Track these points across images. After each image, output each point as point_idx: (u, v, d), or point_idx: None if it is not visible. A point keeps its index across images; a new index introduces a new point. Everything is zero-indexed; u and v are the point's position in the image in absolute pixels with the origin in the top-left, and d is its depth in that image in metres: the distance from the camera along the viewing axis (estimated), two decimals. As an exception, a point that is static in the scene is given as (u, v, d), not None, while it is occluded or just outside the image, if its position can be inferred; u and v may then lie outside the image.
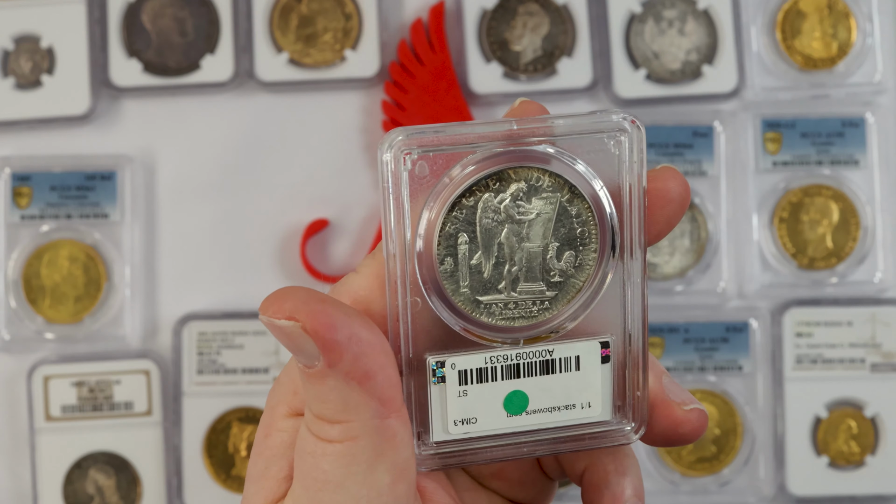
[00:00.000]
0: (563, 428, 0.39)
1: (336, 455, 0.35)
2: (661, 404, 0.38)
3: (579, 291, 0.38)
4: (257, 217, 0.78)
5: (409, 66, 0.77)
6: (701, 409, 0.37)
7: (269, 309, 0.35)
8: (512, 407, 0.38)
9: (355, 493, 0.35)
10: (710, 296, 0.77)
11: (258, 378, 0.76)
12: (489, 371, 0.38)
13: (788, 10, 0.78)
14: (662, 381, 0.38)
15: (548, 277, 0.38)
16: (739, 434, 0.77)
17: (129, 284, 0.77)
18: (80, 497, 0.76)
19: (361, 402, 0.35)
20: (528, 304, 0.38)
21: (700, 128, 0.77)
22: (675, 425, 0.37)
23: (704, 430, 0.37)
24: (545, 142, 0.37)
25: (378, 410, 0.35)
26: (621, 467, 0.39)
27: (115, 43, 0.77)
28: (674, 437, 0.37)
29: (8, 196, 0.77)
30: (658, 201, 0.38)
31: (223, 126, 0.78)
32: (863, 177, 0.78)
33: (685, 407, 0.37)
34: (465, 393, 0.38)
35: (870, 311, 0.77)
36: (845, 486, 0.77)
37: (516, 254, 0.38)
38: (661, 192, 0.38)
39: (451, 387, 0.38)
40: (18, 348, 0.77)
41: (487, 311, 0.38)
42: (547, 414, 0.39)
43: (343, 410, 0.35)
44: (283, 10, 0.78)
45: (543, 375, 0.38)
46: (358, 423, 0.35)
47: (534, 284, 0.38)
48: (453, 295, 0.37)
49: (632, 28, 0.78)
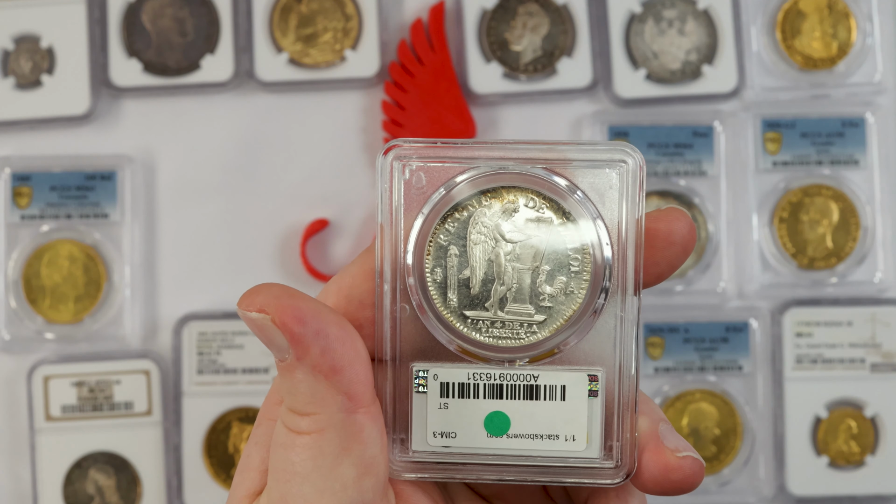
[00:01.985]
0: (546, 458, 0.38)
1: (304, 447, 0.36)
2: (654, 449, 0.37)
3: (568, 319, 0.37)
4: (257, 217, 0.78)
5: (409, 66, 0.77)
6: (696, 457, 0.36)
7: (244, 302, 0.36)
8: (493, 427, 0.38)
9: (321, 486, 0.36)
10: (710, 296, 0.77)
11: (258, 378, 0.76)
12: (471, 387, 0.38)
13: (788, 10, 0.78)
14: (659, 426, 0.37)
15: (537, 301, 0.38)
16: (739, 434, 0.77)
17: (129, 284, 0.77)
18: (81, 497, 0.76)
19: (328, 396, 0.36)
20: (515, 325, 0.38)
21: (700, 128, 0.77)
22: (666, 471, 0.36)
23: (698, 480, 0.36)
24: (547, 167, 0.37)
25: (345, 404, 0.36)
26: (623, 497, 0.38)
27: (115, 43, 0.77)
28: (665, 483, 0.36)
29: (8, 196, 0.77)
30: (661, 242, 0.37)
31: (223, 126, 0.78)
32: (863, 177, 0.78)
33: (678, 454, 0.36)
34: (445, 405, 0.38)
35: (870, 311, 0.77)
36: (845, 486, 0.77)
37: (506, 273, 0.37)
38: (665, 233, 0.37)
39: (433, 397, 0.38)
40: (18, 348, 0.77)
41: (473, 327, 0.38)
42: (529, 440, 0.38)
43: (311, 402, 0.36)
44: (283, 10, 0.78)
45: (527, 400, 0.38)
46: (325, 415, 0.36)
47: (522, 306, 0.38)
48: (440, 306, 0.37)
49: (632, 28, 0.78)
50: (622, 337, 0.38)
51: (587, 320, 0.38)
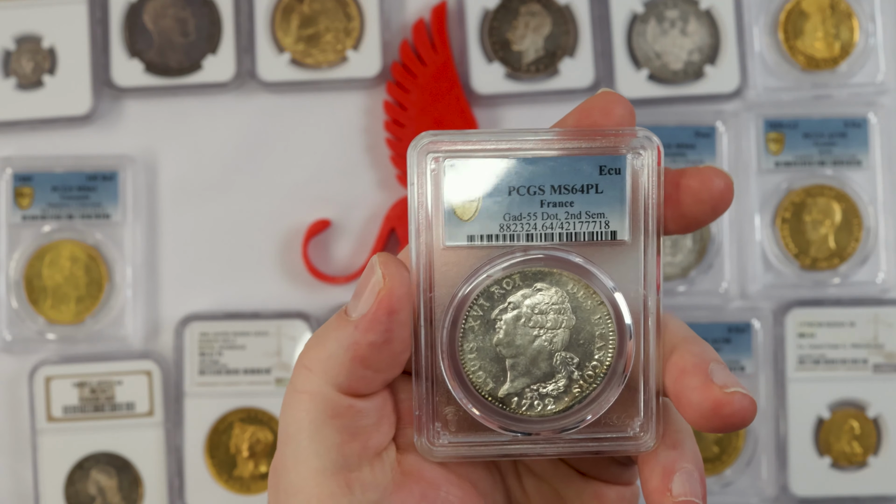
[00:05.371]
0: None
1: (300, 409, 0.37)
2: (702, 385, 0.37)
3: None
4: (259, 217, 0.78)
5: (411, 66, 0.77)
6: (745, 392, 0.36)
7: (382, 257, 0.38)
8: None
9: (306, 446, 0.37)
10: (712, 296, 0.77)
11: (260, 379, 0.76)
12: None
13: (791, 10, 0.78)
14: (710, 365, 0.37)
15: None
16: (742, 435, 0.77)
17: (130, 285, 0.77)
18: (82, 498, 0.76)
19: (336, 368, 0.37)
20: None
21: (702, 128, 0.77)
22: (716, 406, 0.36)
23: (749, 416, 0.36)
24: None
25: (341, 386, 0.37)
26: (672, 440, 0.38)
27: (117, 43, 0.77)
28: (715, 419, 0.36)
29: (9, 196, 0.77)
30: (690, 199, 0.38)
31: (225, 126, 0.78)
32: (865, 177, 0.78)
33: (727, 389, 0.36)
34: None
35: (872, 312, 0.77)
36: (848, 487, 0.77)
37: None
38: (696, 189, 0.38)
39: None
40: (20, 349, 0.77)
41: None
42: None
43: (325, 361, 0.37)
44: (285, 11, 0.78)
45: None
46: (321, 379, 0.37)
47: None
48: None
49: (634, 28, 0.78)
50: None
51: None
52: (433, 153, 0.38)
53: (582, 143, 0.38)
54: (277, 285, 0.78)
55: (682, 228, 0.38)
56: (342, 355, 0.37)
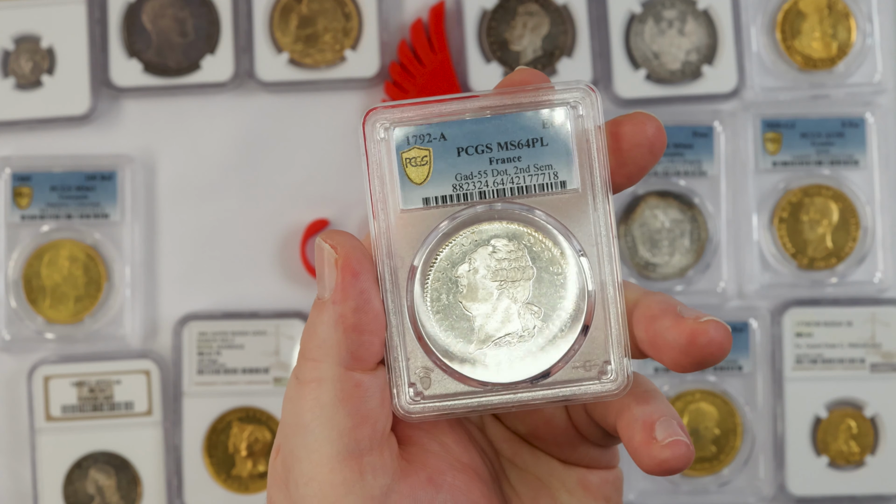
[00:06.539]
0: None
1: (307, 398, 0.38)
2: (673, 322, 0.37)
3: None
4: (257, 217, 0.78)
5: (410, 66, 0.77)
6: (718, 321, 0.36)
7: (325, 234, 0.39)
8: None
9: (318, 434, 0.37)
10: (709, 296, 0.77)
11: (258, 378, 0.76)
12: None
13: (788, 10, 0.78)
14: (677, 307, 0.37)
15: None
16: (739, 434, 0.77)
17: (129, 284, 0.77)
18: (81, 497, 0.76)
19: (336, 347, 0.37)
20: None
21: (700, 128, 0.77)
22: (691, 336, 0.36)
23: (727, 345, 0.36)
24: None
25: (346, 361, 0.37)
26: (643, 398, 0.38)
27: (116, 43, 0.78)
28: (693, 352, 0.36)
29: (8, 196, 0.77)
30: (627, 144, 0.38)
31: (223, 126, 0.78)
32: (862, 177, 0.78)
33: (700, 319, 0.36)
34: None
35: (869, 311, 0.77)
36: (845, 486, 0.77)
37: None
38: (630, 134, 0.38)
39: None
40: (19, 348, 0.77)
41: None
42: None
43: (319, 348, 0.38)
44: (284, 11, 0.78)
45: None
46: (325, 365, 0.38)
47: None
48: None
49: (632, 28, 0.78)
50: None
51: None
52: (382, 122, 0.39)
53: (523, 98, 0.38)
54: (276, 285, 0.78)
55: (627, 178, 0.39)
56: (334, 333, 0.37)
